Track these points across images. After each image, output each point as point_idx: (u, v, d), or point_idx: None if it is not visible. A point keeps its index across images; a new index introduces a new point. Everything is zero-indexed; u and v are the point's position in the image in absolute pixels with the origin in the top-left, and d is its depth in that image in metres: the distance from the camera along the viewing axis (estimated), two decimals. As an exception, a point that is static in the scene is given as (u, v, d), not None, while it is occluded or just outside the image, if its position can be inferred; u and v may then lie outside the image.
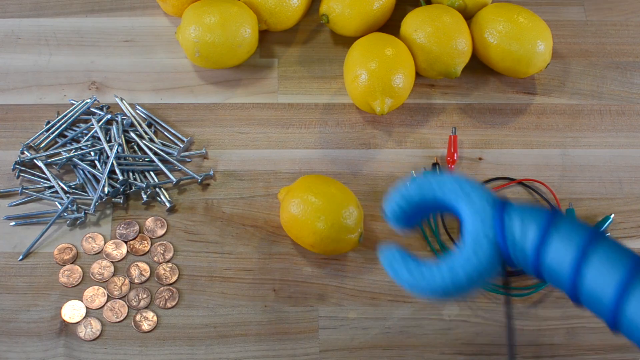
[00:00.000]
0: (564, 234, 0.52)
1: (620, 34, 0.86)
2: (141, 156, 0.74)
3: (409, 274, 0.55)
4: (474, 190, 0.55)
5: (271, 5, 0.79)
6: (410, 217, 0.58)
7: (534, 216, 0.53)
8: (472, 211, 0.54)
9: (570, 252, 0.51)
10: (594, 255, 0.51)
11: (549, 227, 0.52)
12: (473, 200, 0.55)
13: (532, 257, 0.53)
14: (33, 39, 0.83)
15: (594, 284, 0.50)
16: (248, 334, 0.67)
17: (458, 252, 0.54)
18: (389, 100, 0.74)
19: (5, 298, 0.68)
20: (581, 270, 0.51)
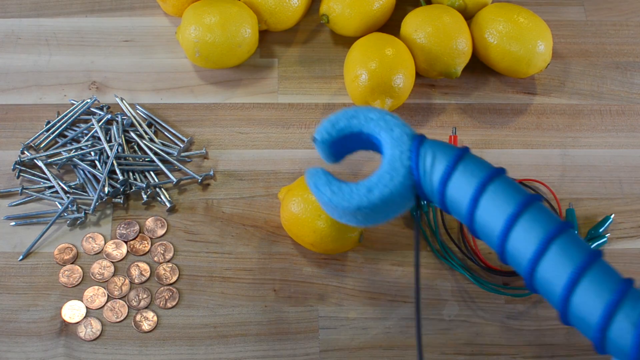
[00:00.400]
0: (467, 170, 0.57)
1: (620, 34, 0.86)
2: (141, 156, 0.74)
3: (330, 191, 0.59)
4: (396, 123, 0.60)
5: (271, 5, 0.79)
6: (337, 146, 0.62)
7: (445, 151, 0.58)
8: (392, 141, 0.59)
9: (471, 186, 0.56)
10: (491, 190, 0.56)
11: (457, 162, 0.57)
12: (394, 132, 0.59)
13: (438, 188, 0.58)
14: (33, 39, 0.83)
15: (486, 216, 0.56)
16: (248, 334, 0.67)
17: (375, 175, 0.59)
18: (389, 100, 0.74)
19: (5, 298, 0.68)
20: (478, 202, 0.56)
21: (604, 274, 0.53)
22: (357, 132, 0.61)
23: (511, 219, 0.55)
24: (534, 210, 0.55)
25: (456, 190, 0.57)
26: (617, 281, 0.53)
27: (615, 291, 0.52)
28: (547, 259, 0.54)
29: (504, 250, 0.56)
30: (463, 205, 0.57)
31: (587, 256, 0.53)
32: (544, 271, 0.54)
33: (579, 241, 0.55)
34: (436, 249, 0.71)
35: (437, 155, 0.58)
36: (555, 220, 0.55)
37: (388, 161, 0.59)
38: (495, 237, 0.56)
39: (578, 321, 0.54)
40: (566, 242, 0.54)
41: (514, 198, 0.56)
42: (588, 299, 0.52)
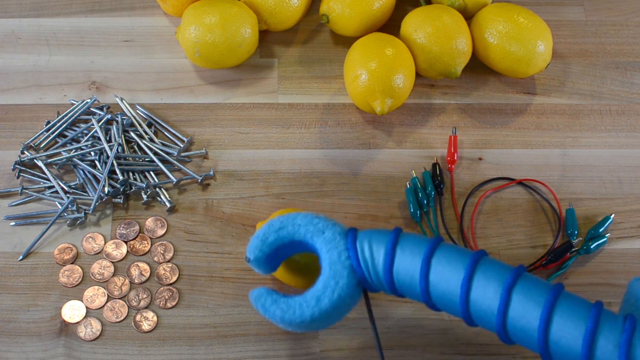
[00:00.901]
0: (407, 250, 0.57)
1: (620, 34, 0.86)
2: (141, 156, 0.74)
3: (280, 310, 0.58)
4: (325, 225, 0.60)
5: (271, 5, 0.79)
6: (273, 259, 0.62)
7: (380, 239, 0.58)
8: (327, 244, 0.59)
9: (416, 266, 0.57)
10: (436, 261, 0.56)
11: (394, 247, 0.58)
12: (325, 234, 0.59)
13: (385, 276, 0.58)
14: (33, 39, 0.83)
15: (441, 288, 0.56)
16: (248, 334, 0.67)
17: (320, 282, 0.58)
18: (389, 100, 0.74)
19: (5, 298, 0.68)
20: (428, 279, 0.56)
21: (573, 305, 0.53)
22: (289, 242, 0.61)
23: (465, 282, 0.55)
24: (483, 267, 0.56)
25: (403, 274, 0.57)
26: (588, 308, 0.53)
27: (589, 318, 0.52)
28: (513, 308, 0.54)
29: (469, 314, 0.56)
30: (414, 285, 0.57)
31: (551, 293, 0.54)
32: (514, 321, 0.54)
33: (537, 281, 0.55)
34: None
35: (373, 247, 0.58)
36: (508, 269, 0.56)
37: (328, 265, 0.58)
38: (456, 305, 0.56)
39: (563, 358, 0.54)
40: (526, 287, 0.54)
41: (461, 262, 0.56)
42: (565, 333, 0.53)
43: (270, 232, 0.61)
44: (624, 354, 0.50)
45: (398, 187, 0.75)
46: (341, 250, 0.59)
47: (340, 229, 0.60)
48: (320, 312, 0.57)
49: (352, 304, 0.60)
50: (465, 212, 0.73)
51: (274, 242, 0.60)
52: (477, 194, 0.75)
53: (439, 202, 0.74)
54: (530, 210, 0.74)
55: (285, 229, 0.61)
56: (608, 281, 0.70)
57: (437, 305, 0.58)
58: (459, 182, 0.75)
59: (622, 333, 0.51)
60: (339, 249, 0.59)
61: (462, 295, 0.55)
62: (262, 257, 0.61)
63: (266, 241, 0.60)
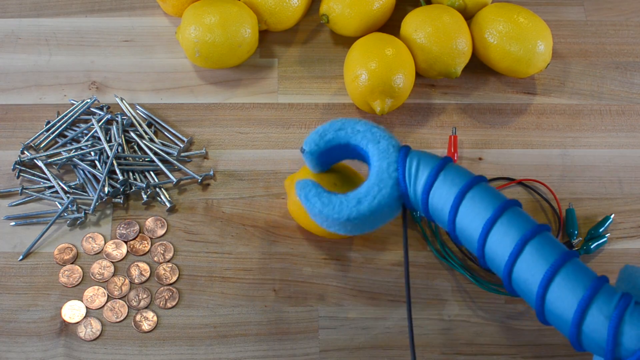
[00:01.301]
0: (448, 179, 0.59)
1: (620, 34, 0.86)
2: (141, 156, 0.74)
3: (320, 202, 0.61)
4: (382, 135, 0.62)
5: (271, 5, 0.79)
6: (325, 156, 0.64)
7: (427, 161, 0.60)
8: (379, 153, 0.61)
9: (451, 194, 0.58)
10: (470, 196, 0.58)
11: (438, 172, 0.59)
12: (381, 144, 0.61)
13: (422, 197, 0.60)
14: (33, 39, 0.83)
15: (466, 221, 0.58)
16: (248, 334, 0.67)
17: (364, 186, 0.60)
18: (389, 100, 0.74)
19: (5, 298, 0.68)
20: (458, 210, 0.58)
21: (578, 272, 0.54)
22: (345, 144, 0.63)
23: (488, 223, 0.57)
24: (510, 215, 0.57)
25: (438, 198, 0.59)
26: (591, 278, 0.54)
27: (588, 287, 0.53)
28: (523, 259, 0.55)
29: (483, 254, 0.58)
30: (444, 213, 0.59)
31: (561, 255, 0.55)
32: (520, 271, 0.55)
33: (554, 242, 0.56)
34: (436, 249, 0.71)
35: (420, 166, 0.60)
36: (531, 223, 0.57)
37: (375, 173, 0.61)
38: (474, 241, 0.58)
39: (554, 318, 0.55)
40: (541, 243, 0.56)
41: (491, 204, 0.57)
42: (562, 295, 0.54)
43: (330, 129, 0.63)
44: (614, 327, 0.52)
45: (398, 187, 0.75)
46: (391, 162, 0.60)
47: (395, 142, 0.62)
48: (358, 213, 0.59)
49: (389, 216, 0.62)
50: (465, 212, 0.73)
51: (331, 140, 0.63)
52: (477, 194, 0.74)
53: (439, 202, 0.74)
54: (530, 210, 0.74)
55: (345, 131, 0.63)
56: (608, 281, 0.70)
57: (459, 238, 0.59)
58: (459, 182, 0.75)
59: (615, 307, 0.52)
60: (389, 160, 0.61)
61: (482, 234, 0.57)
62: (316, 151, 0.63)
63: (324, 137, 0.63)
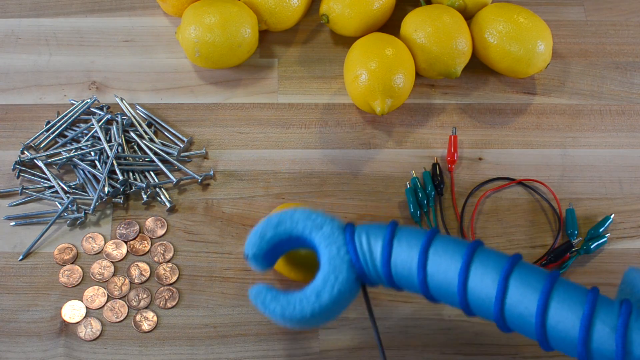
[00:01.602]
0: (403, 242, 0.58)
1: (620, 34, 0.86)
2: (141, 156, 0.74)
3: (281, 307, 0.58)
4: (323, 220, 0.60)
5: (271, 5, 0.79)
6: (271, 255, 0.62)
7: (377, 232, 0.59)
8: (325, 239, 0.59)
9: (413, 258, 0.57)
10: (433, 252, 0.57)
11: (392, 240, 0.58)
12: (324, 230, 0.59)
13: (383, 269, 0.58)
14: (33, 39, 0.83)
15: (438, 278, 0.56)
16: (248, 334, 0.67)
17: (319, 277, 0.58)
18: (389, 100, 0.74)
19: (5, 298, 0.68)
20: (426, 270, 0.57)
21: (570, 291, 0.54)
22: (287, 238, 0.61)
23: (462, 272, 0.56)
24: (480, 256, 0.56)
25: (401, 266, 0.58)
26: (584, 293, 0.54)
27: (585, 302, 0.53)
28: (511, 295, 0.54)
29: (467, 304, 0.57)
30: (412, 278, 0.57)
31: (548, 279, 0.54)
32: (512, 308, 0.55)
33: (533, 268, 0.56)
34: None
35: (370, 240, 0.58)
36: (504, 257, 0.56)
37: (327, 260, 0.59)
38: (454, 294, 0.56)
39: (559, 343, 0.54)
40: (522, 274, 0.55)
41: (457, 251, 0.56)
42: (563, 317, 0.53)
43: (268, 228, 0.60)
44: (621, 336, 0.51)
45: (398, 187, 0.75)
46: (340, 245, 0.59)
47: (338, 224, 0.60)
48: (321, 307, 0.57)
49: (352, 299, 0.60)
50: (465, 212, 0.73)
51: (272, 238, 0.60)
52: (477, 194, 0.75)
53: (439, 202, 0.74)
54: (530, 210, 0.74)
55: (283, 225, 0.60)
56: (608, 281, 0.70)
57: (435, 297, 0.58)
58: (459, 182, 0.75)
59: (618, 317, 0.52)
60: (337, 244, 0.59)
61: (459, 285, 0.55)
62: (260, 254, 0.61)
63: (264, 237, 0.60)
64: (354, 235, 0.59)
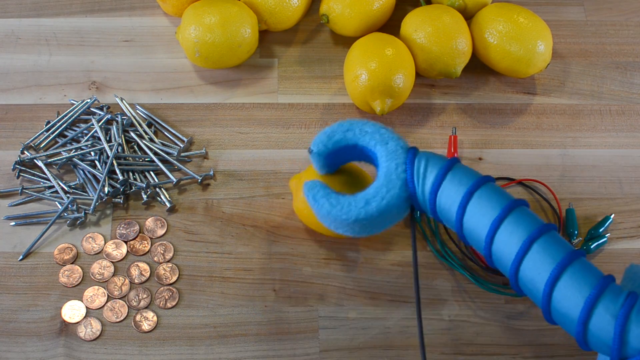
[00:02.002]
0: (456, 179, 0.59)
1: (620, 34, 0.86)
2: (141, 156, 0.74)
3: (329, 203, 0.61)
4: (391, 136, 0.62)
5: (271, 5, 0.79)
6: (333, 157, 0.64)
7: (435, 162, 0.60)
8: (388, 154, 0.61)
9: (459, 194, 0.59)
10: (477, 195, 0.58)
11: (446, 172, 0.60)
12: (389, 145, 0.62)
13: (429, 198, 0.60)
14: (33, 39, 0.83)
15: (473, 221, 0.58)
16: (248, 334, 0.67)
17: (372, 187, 0.61)
18: (389, 100, 0.74)
19: (5, 298, 0.68)
20: (465, 209, 0.58)
21: (585, 271, 0.55)
22: (352, 145, 0.63)
23: (495, 222, 0.57)
24: (517, 214, 0.57)
25: (445, 198, 0.59)
26: (598, 277, 0.54)
27: (595, 286, 0.53)
28: (529, 258, 0.56)
29: (490, 253, 0.58)
30: (452, 213, 0.59)
31: (568, 254, 0.55)
32: (527, 270, 0.56)
33: (560, 241, 0.56)
34: (436, 249, 0.71)
35: (428, 167, 0.60)
36: (538, 222, 0.57)
37: (384, 174, 0.61)
38: (481, 240, 0.58)
39: (560, 317, 0.55)
40: (547, 242, 0.56)
41: (499, 203, 0.58)
42: (569, 294, 0.54)
43: (338, 130, 0.63)
44: (620, 325, 0.52)
45: (398, 187, 0.75)
46: (399, 163, 0.61)
47: (403, 144, 0.62)
48: (366, 214, 0.60)
49: (398, 217, 0.62)
50: (465, 212, 0.73)
51: (339, 141, 0.63)
52: (477, 194, 0.74)
53: (439, 202, 0.74)
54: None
55: (352, 132, 0.63)
56: (608, 281, 0.70)
57: (466, 238, 0.60)
58: (459, 182, 0.75)
59: (622, 306, 0.52)
60: (397, 161, 0.61)
61: (489, 233, 0.57)
62: (324, 152, 0.63)
63: (332, 137, 0.63)
64: (415, 157, 0.61)
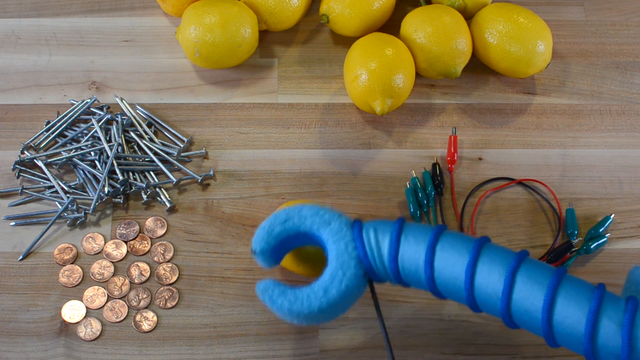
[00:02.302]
0: (410, 238, 0.58)
1: (620, 34, 0.86)
2: (141, 156, 0.74)
3: (287, 301, 0.58)
4: (331, 216, 0.60)
5: (271, 5, 0.79)
6: (278, 251, 0.61)
7: (385, 228, 0.59)
8: (333, 235, 0.59)
9: (421, 253, 0.57)
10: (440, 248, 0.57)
11: (399, 236, 0.58)
12: (332, 225, 0.59)
13: (390, 265, 0.58)
14: (33, 39, 0.83)
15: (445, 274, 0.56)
16: (248, 334, 0.67)
17: (327, 273, 0.58)
18: (389, 100, 0.74)
19: (5, 298, 0.68)
20: (433, 265, 0.57)
21: (577, 286, 0.54)
22: (295, 234, 0.61)
23: (470, 267, 0.56)
24: (487, 252, 0.56)
25: (408, 262, 0.58)
26: (591, 289, 0.54)
27: (592, 298, 0.53)
28: (517, 291, 0.55)
29: (473, 299, 0.57)
30: (419, 273, 0.58)
31: (555, 275, 0.54)
32: (519, 303, 0.55)
33: (540, 265, 0.56)
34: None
35: (378, 237, 0.59)
36: (511, 253, 0.56)
37: (335, 256, 0.59)
38: (460, 290, 0.57)
39: (565, 338, 0.54)
40: (529, 269, 0.55)
41: (465, 247, 0.57)
42: (569, 313, 0.53)
43: (275, 223, 0.60)
44: (627, 332, 0.51)
45: (398, 187, 0.75)
46: (348, 241, 0.59)
47: (345, 220, 0.60)
48: (328, 302, 0.57)
49: (359, 295, 0.60)
50: (465, 212, 0.73)
51: (280, 234, 0.60)
52: (477, 194, 0.75)
53: (439, 202, 0.74)
54: (530, 210, 0.74)
55: (291, 221, 0.60)
56: (608, 281, 0.70)
57: (442, 293, 0.58)
58: (459, 182, 0.75)
59: (625, 312, 0.52)
60: (345, 240, 0.59)
61: (466, 280, 0.56)
62: (267, 249, 0.60)
63: (272, 233, 0.60)
64: (361, 231, 0.59)
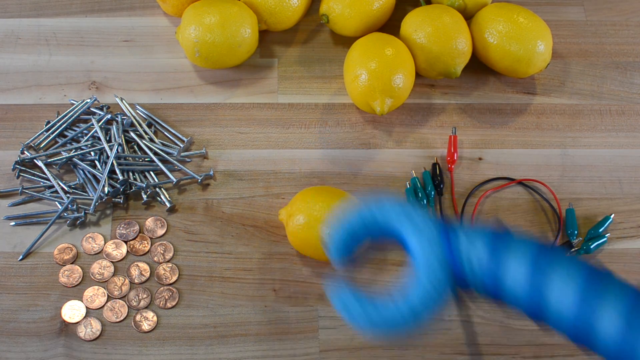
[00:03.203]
0: (513, 248, 0.52)
1: (620, 34, 0.86)
2: (141, 156, 0.74)
3: (366, 314, 0.52)
4: (417, 214, 0.53)
5: (271, 5, 0.79)
6: (353, 249, 0.56)
7: (478, 233, 0.53)
8: (419, 236, 0.52)
9: (525, 267, 0.51)
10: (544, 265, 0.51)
11: (496, 242, 0.52)
12: (418, 225, 0.53)
13: (489, 270, 0.52)
14: (33, 39, 0.83)
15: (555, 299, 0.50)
16: (248, 334, 0.67)
17: (412, 283, 0.52)
18: (389, 100, 0.74)
19: (5, 298, 0.68)
20: (541, 281, 0.50)
21: None
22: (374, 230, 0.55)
23: (583, 294, 0.49)
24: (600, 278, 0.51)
25: (512, 281, 0.51)
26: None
27: None
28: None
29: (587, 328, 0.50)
30: (522, 287, 0.51)
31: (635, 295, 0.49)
32: None
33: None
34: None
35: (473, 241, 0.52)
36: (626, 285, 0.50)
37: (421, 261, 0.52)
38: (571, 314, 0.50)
39: None
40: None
41: (577, 272, 0.50)
42: None
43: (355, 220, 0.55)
44: None
45: (398, 187, 0.75)
46: (434, 243, 0.52)
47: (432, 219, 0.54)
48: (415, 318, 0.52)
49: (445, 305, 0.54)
50: (465, 212, 0.73)
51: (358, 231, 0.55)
52: (477, 194, 0.75)
53: (439, 202, 0.74)
54: (530, 210, 0.74)
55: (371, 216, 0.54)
56: (608, 281, 0.70)
57: (538, 315, 0.52)
58: (459, 182, 0.75)
59: None
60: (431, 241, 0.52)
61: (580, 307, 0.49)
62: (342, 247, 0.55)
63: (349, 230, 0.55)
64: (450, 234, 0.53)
